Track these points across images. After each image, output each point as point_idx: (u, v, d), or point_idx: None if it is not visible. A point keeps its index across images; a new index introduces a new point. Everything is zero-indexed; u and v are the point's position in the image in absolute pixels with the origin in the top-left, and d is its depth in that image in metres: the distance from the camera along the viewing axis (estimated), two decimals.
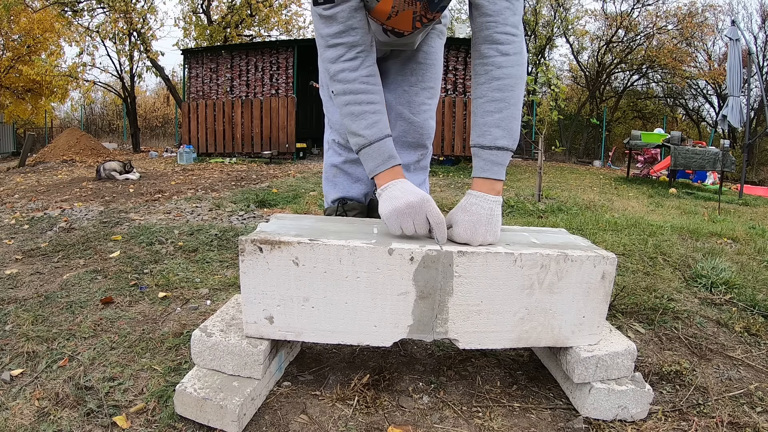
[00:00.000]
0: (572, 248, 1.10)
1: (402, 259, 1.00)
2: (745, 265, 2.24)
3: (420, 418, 1.06)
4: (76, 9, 11.52)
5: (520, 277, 1.04)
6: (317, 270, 1.01)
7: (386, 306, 1.03)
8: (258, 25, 14.09)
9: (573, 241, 1.19)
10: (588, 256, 1.05)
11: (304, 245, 1.00)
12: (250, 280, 1.02)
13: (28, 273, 1.94)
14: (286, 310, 1.04)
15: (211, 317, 1.16)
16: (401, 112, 1.51)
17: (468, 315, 1.05)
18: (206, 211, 3.44)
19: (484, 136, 1.10)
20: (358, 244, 1.00)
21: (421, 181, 1.61)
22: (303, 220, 1.24)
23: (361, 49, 1.13)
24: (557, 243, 1.15)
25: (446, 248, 1.02)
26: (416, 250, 1.00)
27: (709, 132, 17.37)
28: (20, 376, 1.17)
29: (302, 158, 10.08)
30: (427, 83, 1.52)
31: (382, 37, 1.33)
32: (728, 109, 7.19)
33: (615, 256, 1.07)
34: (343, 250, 1.00)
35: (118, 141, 16.35)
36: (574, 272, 1.05)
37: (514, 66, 1.10)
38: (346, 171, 1.56)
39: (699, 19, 16.15)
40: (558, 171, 9.67)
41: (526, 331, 1.07)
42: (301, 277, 1.02)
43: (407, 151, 1.54)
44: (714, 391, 1.20)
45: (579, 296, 1.07)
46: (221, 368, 1.04)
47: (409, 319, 1.04)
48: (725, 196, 5.95)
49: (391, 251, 1.00)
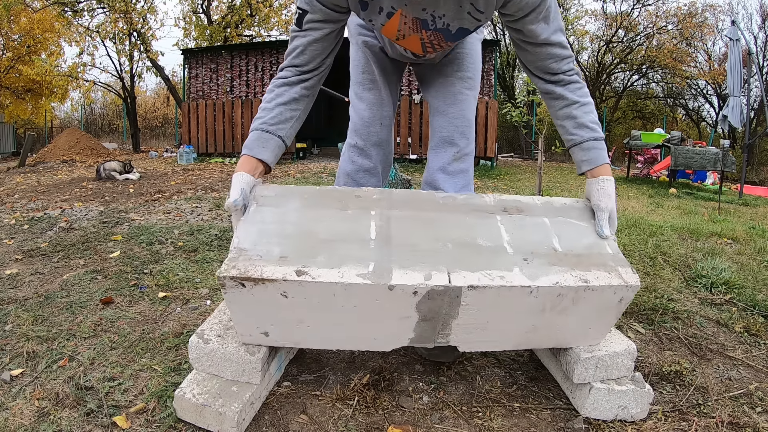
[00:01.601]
0: (596, 266, 0.98)
1: (404, 293, 0.91)
2: (745, 265, 2.24)
3: (420, 418, 1.06)
4: (76, 9, 11.51)
5: (534, 303, 0.96)
6: (310, 301, 0.93)
7: (386, 326, 1.00)
8: (258, 25, 14.08)
9: (599, 248, 1.04)
10: (610, 286, 0.95)
11: (291, 282, 0.89)
12: (237, 308, 0.96)
13: (28, 273, 1.94)
14: (281, 327, 1.00)
15: (208, 320, 1.16)
16: (437, 106, 1.42)
17: (472, 331, 1.02)
18: (206, 211, 3.44)
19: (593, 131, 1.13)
20: (353, 280, 0.88)
21: (459, 187, 1.41)
22: (288, 209, 1.04)
23: (307, 72, 1.18)
24: (581, 252, 1.01)
25: (455, 283, 0.91)
26: (420, 286, 0.90)
27: (709, 132, 17.36)
28: (20, 376, 1.17)
29: (302, 158, 10.08)
30: (464, 72, 1.42)
31: (401, 51, 1.32)
32: (728, 109, 7.18)
33: (638, 283, 0.97)
34: (336, 287, 0.89)
35: (118, 141, 16.34)
36: (592, 299, 0.97)
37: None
38: (358, 181, 1.51)
39: (699, 19, 16.15)
40: (558, 171, 9.68)
41: (529, 338, 1.07)
42: (293, 305, 0.94)
43: (442, 149, 1.42)
44: (714, 391, 1.20)
45: (591, 316, 1.03)
46: (220, 373, 1.04)
47: (410, 334, 1.01)
48: (725, 196, 5.95)
49: (391, 287, 0.89)
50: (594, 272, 0.96)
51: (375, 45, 1.42)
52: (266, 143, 1.13)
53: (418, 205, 1.09)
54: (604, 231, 1.07)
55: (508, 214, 1.09)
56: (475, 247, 0.99)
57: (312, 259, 0.92)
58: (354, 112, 1.48)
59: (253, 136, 1.14)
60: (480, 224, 1.05)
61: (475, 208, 1.09)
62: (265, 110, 1.17)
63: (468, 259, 0.95)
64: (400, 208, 1.07)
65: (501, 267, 0.95)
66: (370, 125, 1.44)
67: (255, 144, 1.13)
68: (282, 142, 1.16)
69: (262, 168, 1.13)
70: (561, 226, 1.07)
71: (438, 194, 1.12)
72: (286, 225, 1.00)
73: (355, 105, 1.49)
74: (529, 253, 0.98)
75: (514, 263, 0.96)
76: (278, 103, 1.16)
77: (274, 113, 1.16)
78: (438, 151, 1.42)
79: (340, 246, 0.96)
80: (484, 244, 1.00)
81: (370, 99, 1.44)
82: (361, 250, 0.95)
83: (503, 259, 0.97)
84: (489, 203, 1.11)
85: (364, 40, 1.42)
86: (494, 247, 1.00)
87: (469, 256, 0.97)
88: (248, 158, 1.12)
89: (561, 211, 1.11)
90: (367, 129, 1.45)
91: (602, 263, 1.00)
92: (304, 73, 1.18)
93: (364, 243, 0.97)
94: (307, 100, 1.21)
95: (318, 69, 1.19)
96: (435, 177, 1.42)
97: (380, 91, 1.44)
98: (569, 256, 0.99)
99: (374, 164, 1.48)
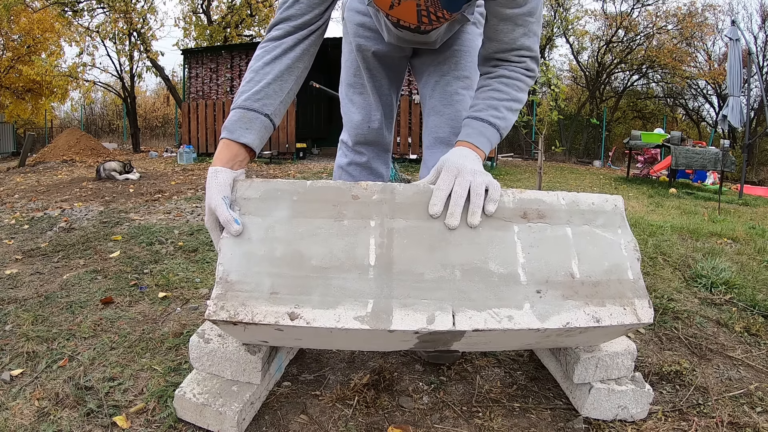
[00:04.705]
0: (612, 299, 0.92)
1: (405, 334, 0.85)
2: (745, 265, 2.24)
3: (420, 418, 1.06)
4: (76, 9, 11.51)
5: (539, 335, 0.91)
6: (306, 335, 0.88)
7: (386, 345, 1.00)
8: (258, 25, 14.08)
9: (619, 273, 0.95)
10: (622, 324, 0.90)
11: (284, 326, 0.82)
12: (232, 334, 0.93)
13: (28, 273, 1.94)
14: (280, 342, 1.00)
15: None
16: (433, 106, 1.38)
17: (473, 346, 1.01)
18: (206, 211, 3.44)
19: (481, 111, 1.06)
20: (350, 325, 0.81)
21: None
22: (275, 219, 0.91)
23: (305, 26, 1.04)
24: (599, 279, 0.93)
25: (459, 327, 0.83)
26: (422, 329, 0.83)
27: (709, 132, 17.36)
28: (20, 376, 1.17)
29: (302, 158, 10.07)
30: (461, 72, 1.37)
31: (397, 32, 1.21)
32: (728, 109, 7.19)
33: (651, 320, 0.92)
34: (332, 330, 0.83)
35: (118, 141, 16.34)
36: (600, 331, 0.92)
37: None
38: (350, 173, 1.53)
39: (699, 19, 16.16)
40: (558, 171, 9.68)
41: (531, 346, 1.07)
42: (289, 335, 0.89)
43: (438, 148, 1.38)
44: (714, 391, 1.20)
45: (596, 339, 1.01)
46: (220, 373, 1.04)
47: (410, 346, 0.98)
48: (725, 196, 5.95)
49: (391, 332, 0.83)
50: (608, 307, 0.91)
51: (369, 49, 1.38)
52: (250, 124, 0.98)
53: (425, 210, 0.93)
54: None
55: (527, 222, 0.97)
56: (486, 274, 0.90)
57: (306, 296, 0.84)
58: (344, 114, 1.51)
59: (234, 115, 0.98)
60: (494, 240, 0.93)
61: (491, 213, 0.97)
62: (250, 82, 1.00)
63: (476, 293, 0.88)
64: (404, 215, 0.93)
65: (511, 303, 0.88)
66: (359, 127, 1.46)
67: (237, 125, 0.97)
68: (270, 121, 1.00)
69: (245, 155, 0.98)
70: (584, 241, 0.97)
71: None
72: (274, 244, 0.88)
73: (346, 106, 1.51)
74: (543, 282, 0.91)
75: (525, 297, 0.89)
76: (265, 72, 1.00)
77: (260, 86, 0.99)
78: (434, 150, 1.41)
79: (335, 276, 0.86)
80: (496, 270, 0.90)
81: (359, 102, 1.45)
82: (359, 282, 0.86)
83: (514, 292, 0.89)
84: (507, 204, 0.96)
85: (359, 43, 1.38)
86: (507, 274, 0.91)
87: (478, 288, 0.89)
88: (228, 144, 0.96)
89: (587, 217, 1.00)
90: (356, 131, 1.47)
91: (620, 294, 0.93)
92: (299, 29, 1.02)
93: (362, 271, 0.87)
94: (301, 66, 1.04)
95: (316, 23, 1.04)
96: None
97: (369, 96, 1.44)
98: (586, 285, 0.92)
99: (367, 159, 1.50)
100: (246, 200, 0.93)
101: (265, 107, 0.99)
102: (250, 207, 0.92)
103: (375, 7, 1.12)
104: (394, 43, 1.28)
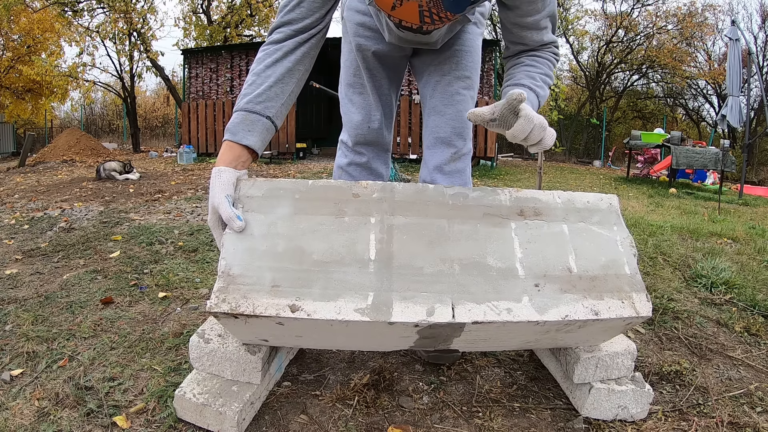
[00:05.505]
0: (610, 293, 0.93)
1: (405, 327, 0.86)
2: (745, 265, 2.24)
3: (420, 418, 1.06)
4: (76, 9, 11.51)
5: (539, 329, 0.92)
6: (306, 328, 0.88)
7: (386, 343, 0.99)
8: (258, 25, 14.07)
9: (616, 268, 0.96)
10: (621, 317, 0.90)
11: (285, 318, 0.83)
12: (233, 329, 0.93)
13: (28, 273, 1.94)
14: (280, 340, 1.00)
15: (209, 319, 1.15)
16: (434, 106, 1.38)
17: (473, 343, 1.01)
18: (206, 211, 3.44)
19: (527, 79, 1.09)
20: (350, 317, 0.82)
21: (457, 186, 1.44)
22: (278, 216, 0.93)
23: (304, 31, 1.06)
24: (597, 274, 0.95)
25: (459, 319, 0.84)
26: (422, 321, 0.84)
27: (709, 132, 17.36)
28: (20, 376, 1.17)
29: (302, 158, 10.07)
30: (462, 72, 1.37)
31: (399, 32, 1.21)
32: (728, 109, 7.19)
33: (650, 313, 0.93)
34: (333, 322, 0.84)
35: (118, 141, 16.34)
36: (599, 325, 0.93)
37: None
38: (350, 173, 1.52)
39: (699, 19, 16.16)
40: (558, 171, 9.68)
41: (531, 345, 1.07)
42: (290, 330, 0.89)
43: (439, 148, 1.39)
44: (714, 391, 1.20)
45: (596, 335, 1.00)
46: (220, 373, 1.04)
47: (410, 344, 0.99)
48: (725, 196, 5.95)
49: (391, 323, 0.84)
50: (606, 301, 0.91)
51: (368, 48, 1.37)
52: (252, 126, 1.01)
53: (424, 208, 0.97)
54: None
55: (524, 219, 0.99)
56: (484, 269, 0.92)
57: (307, 289, 0.85)
58: (344, 114, 1.50)
59: (237, 117, 1.01)
60: (492, 236, 0.95)
61: (489, 210, 0.99)
62: (252, 85, 1.03)
63: (475, 287, 0.89)
64: (404, 212, 0.96)
65: (509, 296, 0.89)
66: (358, 127, 1.45)
67: (239, 127, 1.00)
68: (271, 123, 1.03)
69: (247, 156, 1.01)
70: (580, 237, 0.98)
71: (447, 191, 1.01)
72: (276, 240, 0.90)
73: (345, 106, 1.50)
74: (541, 276, 0.92)
75: (523, 291, 0.90)
76: (267, 75, 1.02)
77: (262, 89, 1.02)
78: (434, 150, 1.41)
79: (335, 270, 0.88)
80: (495, 264, 0.92)
81: (359, 102, 1.44)
82: (360, 275, 0.87)
83: (513, 286, 0.91)
84: (504, 202, 1.00)
85: (359, 42, 1.37)
86: (505, 269, 0.93)
87: (477, 281, 0.90)
88: (231, 146, 1.00)
89: (583, 215, 1.02)
90: (356, 131, 1.46)
91: (617, 288, 0.94)
92: (300, 32, 1.04)
93: (362, 265, 0.88)
94: (302, 69, 1.06)
95: (317, 27, 1.05)
96: (434, 177, 1.42)
97: (369, 96, 1.44)
98: (584, 279, 0.94)
99: (367, 159, 1.49)
100: (249, 198, 0.95)
101: (266, 110, 1.02)
102: (253, 204, 0.94)
103: (376, 8, 1.12)
104: (394, 43, 1.28)
